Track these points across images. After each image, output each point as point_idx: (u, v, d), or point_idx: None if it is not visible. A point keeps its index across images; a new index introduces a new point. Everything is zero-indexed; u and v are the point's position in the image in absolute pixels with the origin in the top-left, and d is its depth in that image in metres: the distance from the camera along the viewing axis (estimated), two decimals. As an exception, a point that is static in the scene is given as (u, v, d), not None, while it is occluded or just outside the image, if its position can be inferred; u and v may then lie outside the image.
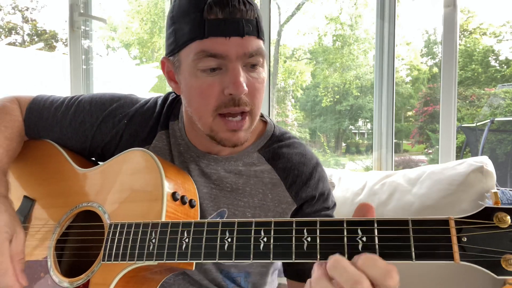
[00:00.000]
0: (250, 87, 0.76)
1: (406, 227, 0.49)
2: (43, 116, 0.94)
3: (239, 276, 0.89)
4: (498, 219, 0.46)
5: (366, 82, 6.86)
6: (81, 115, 0.92)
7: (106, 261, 0.68)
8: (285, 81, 7.56)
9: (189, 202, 0.75)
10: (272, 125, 0.95)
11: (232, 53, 0.73)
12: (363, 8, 6.81)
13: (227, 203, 0.86)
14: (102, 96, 0.95)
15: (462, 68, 6.77)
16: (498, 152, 4.38)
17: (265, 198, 0.87)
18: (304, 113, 7.76)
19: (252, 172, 0.88)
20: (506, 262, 0.44)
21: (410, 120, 7.51)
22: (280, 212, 0.87)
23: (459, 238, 0.47)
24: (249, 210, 0.86)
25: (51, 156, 0.93)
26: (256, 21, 0.75)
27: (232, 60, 0.73)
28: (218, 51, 0.73)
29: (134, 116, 0.92)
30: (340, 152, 7.56)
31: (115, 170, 0.81)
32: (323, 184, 0.91)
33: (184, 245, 0.61)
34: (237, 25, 0.72)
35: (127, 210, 0.74)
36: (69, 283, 0.74)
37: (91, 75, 2.44)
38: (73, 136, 0.93)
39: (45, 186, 0.90)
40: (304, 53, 7.63)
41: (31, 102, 0.97)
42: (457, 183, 1.35)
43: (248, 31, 0.73)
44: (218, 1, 0.72)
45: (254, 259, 0.56)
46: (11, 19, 10.33)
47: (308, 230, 0.54)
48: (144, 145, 0.90)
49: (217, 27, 0.72)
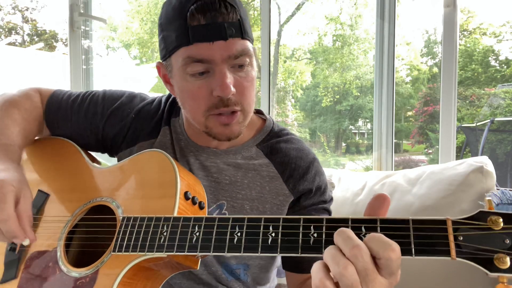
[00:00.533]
0: (239, 86, 0.79)
1: (407, 226, 0.52)
2: (61, 107, 1.00)
3: (239, 268, 0.90)
4: (492, 221, 0.49)
5: (366, 82, 6.86)
6: (94, 107, 0.98)
7: (117, 252, 0.70)
8: (285, 81, 7.56)
9: (198, 203, 0.77)
10: (271, 122, 0.98)
11: (217, 57, 0.76)
12: (363, 8, 6.81)
13: (226, 195, 0.88)
14: (114, 91, 1.02)
15: (462, 68, 6.77)
16: (498, 152, 4.37)
17: (263, 191, 0.89)
18: (304, 113, 7.76)
19: (250, 165, 0.90)
20: (499, 261, 0.48)
21: (410, 120, 7.51)
22: (278, 204, 0.89)
23: (456, 237, 0.50)
24: (247, 202, 0.88)
25: (68, 153, 0.97)
26: (239, 23, 0.76)
27: (218, 63, 0.76)
28: (203, 56, 0.75)
29: (141, 111, 0.97)
30: (340, 152, 7.56)
31: (130, 169, 0.84)
32: (320, 178, 0.93)
33: (194, 238, 0.64)
34: (219, 29, 0.74)
35: (140, 206, 0.76)
36: (77, 273, 0.75)
37: (91, 75, 2.44)
38: (87, 127, 0.98)
39: (61, 182, 0.92)
40: (304, 53, 7.62)
41: (52, 95, 1.03)
42: (457, 183, 1.35)
43: (231, 33, 0.75)
44: (199, 7, 0.74)
45: (262, 252, 0.59)
46: (11, 19, 10.34)
47: (314, 227, 0.57)
48: (150, 139, 0.95)
49: (200, 33, 0.74)
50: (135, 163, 0.84)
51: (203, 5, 0.74)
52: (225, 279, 0.90)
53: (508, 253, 0.48)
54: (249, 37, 0.80)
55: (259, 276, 0.94)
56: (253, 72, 0.82)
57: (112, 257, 0.72)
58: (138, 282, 0.72)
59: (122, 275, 0.69)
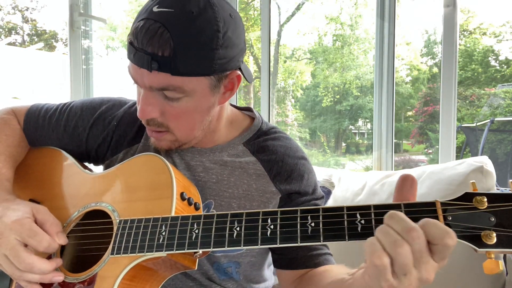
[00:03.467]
0: (166, 113, 0.80)
1: (399, 210, 0.55)
2: (39, 126, 0.98)
3: (230, 267, 0.90)
4: (477, 201, 0.53)
5: (366, 82, 6.86)
6: (73, 120, 0.97)
7: (115, 254, 0.70)
8: (285, 81, 7.55)
9: (194, 204, 0.77)
10: (260, 121, 0.97)
11: (139, 82, 0.77)
12: (363, 8, 6.81)
13: (213, 194, 0.87)
14: (92, 100, 1.00)
15: (462, 68, 6.76)
16: (498, 152, 4.38)
17: (250, 189, 0.88)
18: (304, 113, 7.76)
19: (237, 163, 0.89)
20: (486, 237, 0.51)
21: (410, 120, 7.51)
22: (265, 202, 0.88)
23: (445, 217, 0.53)
24: (235, 200, 0.87)
25: (58, 160, 0.96)
26: (169, 59, 0.71)
27: (141, 86, 0.78)
28: (132, 75, 0.78)
29: (122, 117, 0.96)
30: (340, 152, 7.56)
31: (124, 173, 0.83)
32: (308, 175, 0.91)
33: (194, 235, 0.65)
34: (146, 59, 0.72)
35: (137, 208, 0.76)
36: (74, 278, 0.74)
37: (91, 75, 2.44)
38: (69, 142, 0.97)
39: (52, 189, 0.91)
40: (304, 53, 7.62)
41: (27, 113, 0.99)
42: (457, 183, 1.35)
43: (156, 67, 0.72)
44: (137, 30, 0.73)
45: (262, 244, 0.60)
46: (11, 19, 10.33)
47: (311, 217, 0.59)
48: (133, 143, 0.94)
49: (131, 53, 0.75)
50: (128, 168, 0.83)
51: (141, 28, 0.72)
52: (217, 279, 0.89)
53: (494, 229, 0.51)
54: (187, 73, 0.74)
55: (252, 274, 0.94)
56: (189, 103, 0.79)
57: (110, 260, 0.71)
58: (138, 284, 0.72)
59: (121, 277, 0.68)
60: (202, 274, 0.89)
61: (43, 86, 5.45)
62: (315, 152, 7.15)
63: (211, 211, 0.87)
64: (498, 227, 0.51)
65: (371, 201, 1.49)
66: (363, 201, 1.52)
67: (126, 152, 0.94)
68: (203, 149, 0.90)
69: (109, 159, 0.96)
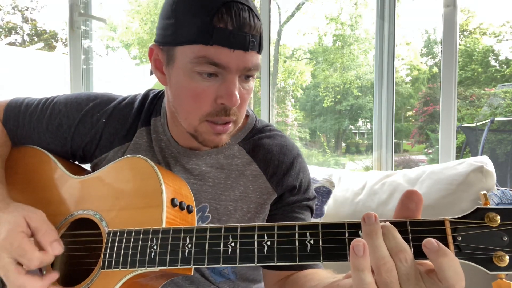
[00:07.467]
0: (241, 98, 0.76)
1: (405, 228, 0.51)
2: (19, 124, 0.92)
3: (226, 268, 0.89)
4: (489, 218, 0.49)
5: (366, 82, 6.86)
6: (57, 118, 0.90)
7: (106, 269, 0.67)
8: (285, 81, 7.56)
9: (187, 207, 0.74)
10: (254, 118, 0.95)
11: (233, 65, 0.73)
12: (363, 8, 6.82)
13: (208, 197, 0.86)
14: (77, 96, 0.93)
15: (462, 68, 6.77)
16: (498, 152, 4.38)
17: (247, 190, 0.87)
18: (304, 113, 7.77)
19: (233, 166, 0.88)
20: (498, 259, 0.47)
21: (410, 120, 7.51)
22: (262, 203, 0.87)
23: (455, 237, 0.49)
24: (231, 203, 0.86)
25: (41, 163, 0.90)
26: (259, 37, 0.75)
27: (231, 71, 0.73)
28: (221, 61, 0.72)
29: (112, 114, 0.91)
30: (340, 152, 7.57)
31: (111, 177, 0.79)
32: (304, 174, 0.91)
33: (186, 250, 0.61)
34: (244, 39, 0.71)
35: (126, 217, 0.72)
36: None
37: (91, 75, 2.44)
38: (52, 141, 0.91)
39: (35, 195, 0.85)
40: (304, 53, 7.63)
41: (6, 109, 0.94)
42: (457, 183, 1.35)
43: (253, 46, 0.73)
44: (229, 10, 0.70)
45: (259, 262, 0.57)
46: (11, 19, 10.34)
47: (310, 233, 0.55)
48: (124, 142, 0.90)
49: (224, 37, 0.71)
50: (115, 171, 0.79)
51: (233, 8, 0.71)
52: (213, 281, 0.89)
53: (507, 251, 0.47)
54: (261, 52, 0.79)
55: (248, 273, 0.93)
56: (253, 83, 0.81)
57: (101, 274, 0.68)
58: None
59: None
60: (201, 276, 0.88)
61: (43, 86, 5.45)
62: (315, 152, 7.16)
63: (206, 215, 0.86)
64: (511, 248, 0.47)
65: (371, 200, 1.49)
66: (363, 201, 1.52)
67: (117, 150, 0.90)
68: (200, 152, 0.88)
69: (97, 158, 0.92)
